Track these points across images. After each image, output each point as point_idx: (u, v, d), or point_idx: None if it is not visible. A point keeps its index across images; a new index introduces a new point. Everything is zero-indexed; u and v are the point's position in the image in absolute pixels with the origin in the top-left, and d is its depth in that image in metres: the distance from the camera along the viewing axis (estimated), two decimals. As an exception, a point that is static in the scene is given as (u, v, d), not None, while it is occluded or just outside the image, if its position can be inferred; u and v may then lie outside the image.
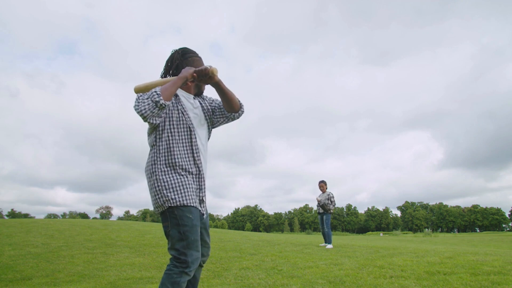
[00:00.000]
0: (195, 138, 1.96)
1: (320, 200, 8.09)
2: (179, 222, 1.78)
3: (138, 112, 1.75)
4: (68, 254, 5.90)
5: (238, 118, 2.15)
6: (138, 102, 1.76)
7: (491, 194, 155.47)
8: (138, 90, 1.90)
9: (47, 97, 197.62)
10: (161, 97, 1.73)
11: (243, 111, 2.14)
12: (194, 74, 1.86)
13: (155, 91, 1.74)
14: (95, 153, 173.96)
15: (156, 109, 1.74)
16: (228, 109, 2.06)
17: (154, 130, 1.93)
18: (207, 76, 1.86)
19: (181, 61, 1.99)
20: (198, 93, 2.13)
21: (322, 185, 8.24)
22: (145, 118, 1.76)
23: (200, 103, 2.11)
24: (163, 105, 1.75)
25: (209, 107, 2.13)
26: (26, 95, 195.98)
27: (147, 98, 1.74)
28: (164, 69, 2.04)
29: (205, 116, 2.09)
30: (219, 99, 2.10)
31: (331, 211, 7.95)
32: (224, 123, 2.16)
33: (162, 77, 2.05)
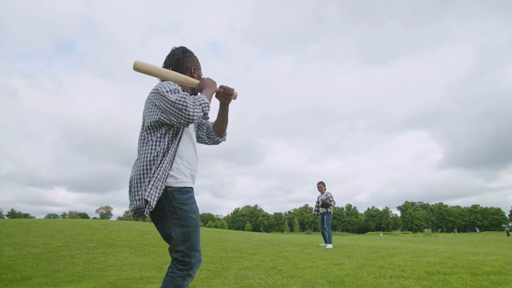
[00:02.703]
0: (193, 140, 1.99)
1: (320, 199, 8.12)
2: (183, 223, 1.72)
3: (189, 114, 1.66)
4: (68, 254, 5.89)
5: (217, 143, 2.19)
6: (194, 106, 1.68)
7: (491, 194, 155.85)
8: (138, 68, 1.81)
9: (46, 97, 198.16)
10: (209, 110, 1.78)
11: (225, 139, 2.20)
12: (221, 90, 1.97)
13: (207, 103, 1.76)
14: (94, 153, 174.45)
15: (201, 119, 1.76)
16: (217, 131, 2.13)
17: (168, 127, 1.80)
18: (229, 97, 1.99)
19: (181, 57, 2.00)
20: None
21: (321, 186, 8.29)
22: (189, 122, 1.70)
23: None
24: (208, 117, 1.81)
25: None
26: (25, 94, 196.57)
27: (199, 105, 1.71)
28: (164, 63, 2.04)
29: (194, 124, 2.11)
30: (210, 120, 2.18)
31: (331, 209, 7.98)
32: (204, 143, 2.18)
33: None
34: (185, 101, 1.66)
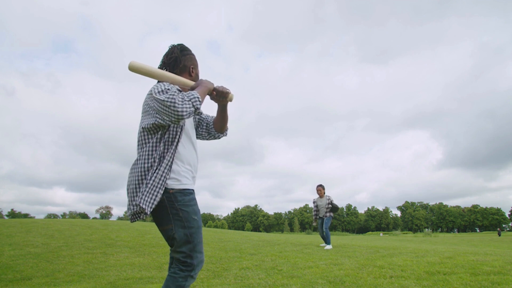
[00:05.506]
0: (193, 140, 1.97)
1: (328, 203, 7.91)
2: (185, 225, 1.73)
3: (178, 111, 1.63)
4: (68, 254, 5.90)
5: (219, 138, 2.21)
6: (183, 102, 1.65)
7: (490, 194, 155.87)
8: (133, 69, 1.78)
9: (44, 96, 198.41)
10: (200, 105, 1.73)
11: (226, 134, 2.21)
12: (214, 92, 1.93)
13: (198, 97, 1.71)
14: (93, 152, 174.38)
15: (192, 114, 1.71)
16: (218, 128, 2.13)
17: (164, 130, 1.80)
18: (224, 99, 1.95)
19: (179, 55, 1.97)
20: None
21: (320, 189, 8.10)
22: (179, 119, 1.66)
23: None
24: (200, 113, 1.78)
25: (196, 116, 2.16)
26: (23, 94, 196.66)
27: (188, 101, 1.67)
28: (162, 62, 2.00)
29: (194, 121, 2.11)
30: (210, 115, 2.19)
31: (331, 212, 7.91)
32: (205, 139, 2.19)
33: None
34: (173, 98, 1.64)
